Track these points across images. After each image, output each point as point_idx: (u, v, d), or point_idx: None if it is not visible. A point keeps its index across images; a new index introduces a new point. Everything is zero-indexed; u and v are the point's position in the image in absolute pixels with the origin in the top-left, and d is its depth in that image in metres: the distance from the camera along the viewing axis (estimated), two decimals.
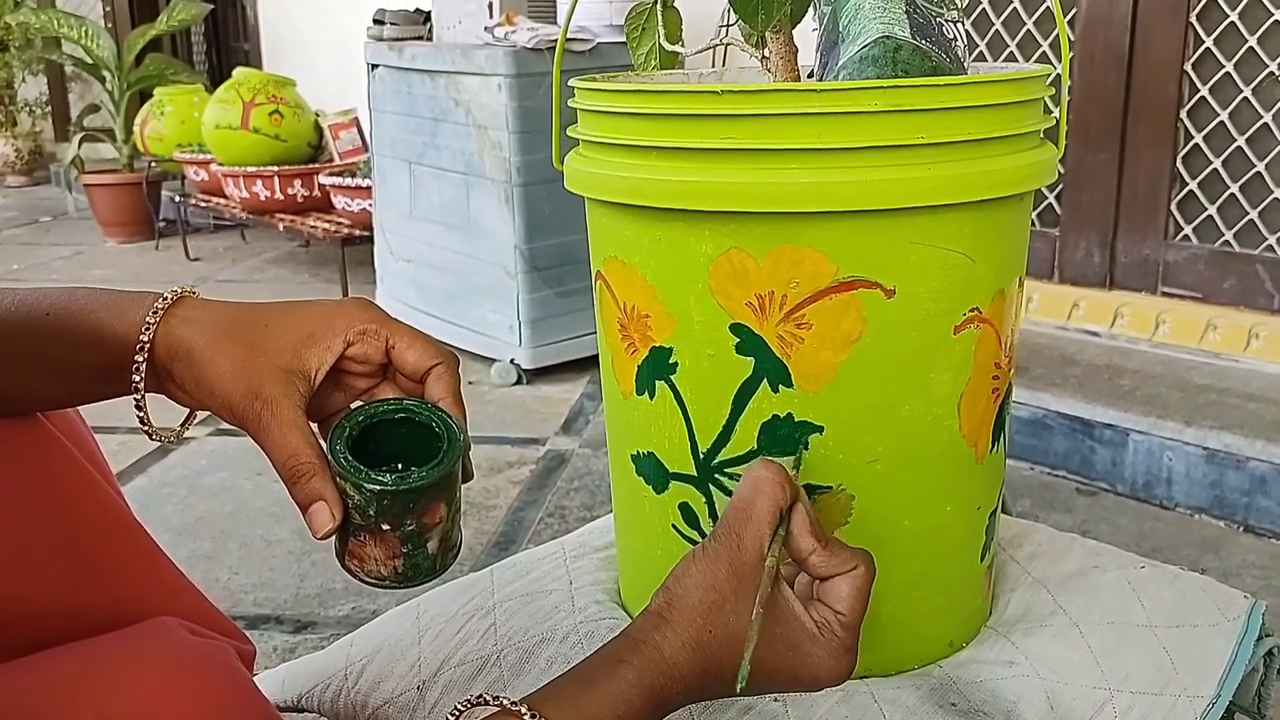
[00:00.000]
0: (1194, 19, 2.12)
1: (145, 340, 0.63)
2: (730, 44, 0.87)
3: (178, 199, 4.09)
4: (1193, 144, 2.17)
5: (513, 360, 2.55)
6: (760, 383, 0.73)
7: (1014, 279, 0.78)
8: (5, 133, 5.95)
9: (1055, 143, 0.79)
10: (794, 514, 0.65)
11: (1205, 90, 2.14)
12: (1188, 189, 2.19)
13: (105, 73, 4.43)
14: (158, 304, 0.64)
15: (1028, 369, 2.08)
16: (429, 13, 2.85)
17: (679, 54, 0.90)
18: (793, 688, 0.65)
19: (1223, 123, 2.12)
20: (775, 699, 0.76)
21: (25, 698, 0.60)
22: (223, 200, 3.80)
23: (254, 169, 3.53)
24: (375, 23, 2.87)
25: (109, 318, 0.64)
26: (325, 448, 0.62)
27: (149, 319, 0.63)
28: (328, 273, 3.77)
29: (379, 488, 0.60)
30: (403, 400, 0.65)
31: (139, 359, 0.63)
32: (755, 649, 0.61)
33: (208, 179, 3.88)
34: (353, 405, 0.66)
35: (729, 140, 0.68)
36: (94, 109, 4.75)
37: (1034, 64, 0.91)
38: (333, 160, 3.60)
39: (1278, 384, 1.98)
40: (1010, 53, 2.41)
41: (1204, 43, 2.12)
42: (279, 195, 3.52)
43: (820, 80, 0.79)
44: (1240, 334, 2.09)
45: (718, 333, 0.72)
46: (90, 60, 4.45)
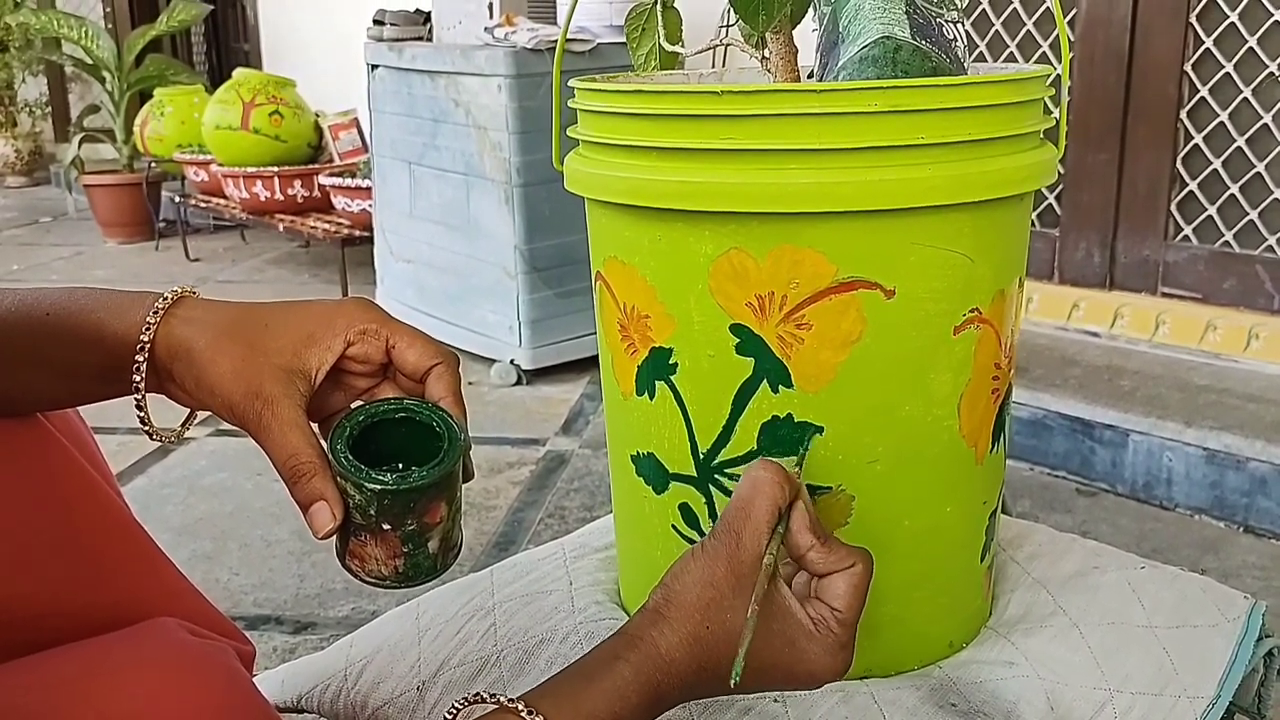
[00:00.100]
0: (1194, 19, 2.12)
1: (145, 340, 0.63)
2: (730, 44, 0.87)
3: (178, 199, 4.09)
4: (1193, 144, 2.17)
5: (513, 361, 2.55)
6: (760, 383, 0.73)
7: (1014, 279, 0.78)
8: (5, 133, 5.95)
9: (1055, 143, 0.79)
10: (793, 511, 0.66)
11: (1205, 91, 2.14)
12: (1188, 189, 2.19)
13: (105, 73, 4.43)
14: (158, 304, 0.64)
15: (1028, 369, 2.08)
16: (429, 13, 2.85)
17: (679, 54, 0.90)
18: (789, 684, 0.65)
19: (1223, 123, 2.12)
20: (775, 699, 0.76)
21: (25, 698, 0.60)
22: (223, 201, 3.80)
23: (254, 169, 3.53)
24: (375, 23, 2.87)
25: (109, 318, 0.64)
26: (326, 447, 0.62)
27: (149, 319, 0.63)
28: (328, 273, 3.77)
29: (380, 487, 0.60)
30: (403, 400, 0.65)
31: (139, 359, 0.63)
32: (751, 645, 0.61)
33: (208, 179, 3.88)
34: (353, 405, 0.66)
35: (729, 141, 0.68)
36: (94, 109, 4.76)
37: (1034, 64, 0.92)
38: (333, 161, 3.60)
39: (1278, 385, 1.97)
40: (1010, 53, 2.41)
41: (1204, 43, 2.12)
42: (279, 196, 3.53)
43: (820, 81, 0.79)
44: (1240, 334, 2.09)
45: (718, 333, 0.72)
46: (90, 61, 4.45)
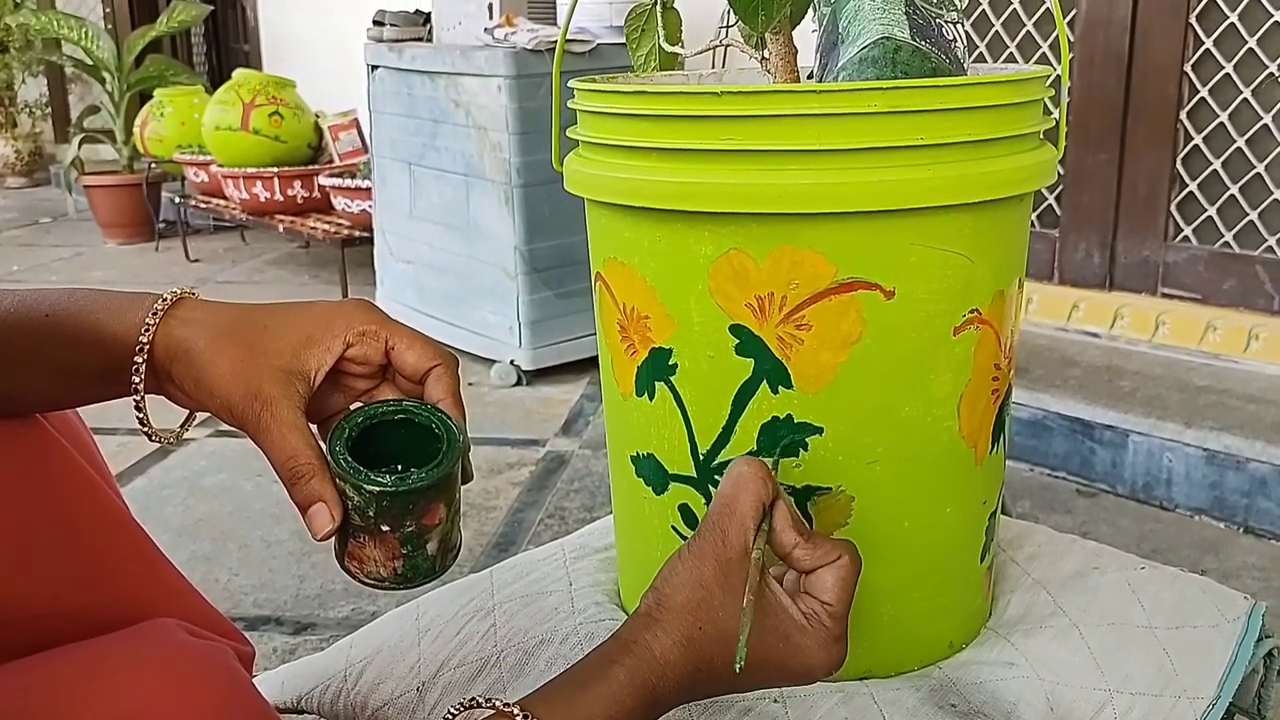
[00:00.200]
0: (1194, 20, 2.12)
1: (145, 341, 0.63)
2: (730, 45, 0.87)
3: (177, 200, 4.09)
4: (1192, 145, 2.17)
5: (512, 361, 2.55)
6: (760, 384, 0.73)
7: (1014, 280, 0.78)
8: (5, 134, 5.95)
9: (1055, 144, 0.79)
10: (775, 510, 0.66)
11: (1205, 91, 2.14)
12: (1187, 190, 2.19)
13: (105, 74, 4.43)
14: (157, 305, 0.64)
15: (1027, 370, 2.08)
16: (429, 14, 2.85)
17: (679, 55, 0.90)
18: (785, 680, 0.66)
19: (1222, 124, 2.12)
20: (775, 700, 0.76)
21: (24, 699, 0.60)
22: (223, 201, 3.80)
23: (254, 170, 3.53)
24: (375, 24, 2.87)
25: (108, 319, 0.64)
26: (324, 449, 0.62)
27: (148, 320, 0.63)
28: (328, 274, 3.77)
29: (378, 489, 0.60)
30: (402, 401, 0.65)
31: (138, 360, 0.63)
32: (750, 633, 0.61)
33: (207, 180, 3.88)
34: (352, 406, 0.66)
35: (729, 141, 0.68)
36: (94, 110, 4.75)
37: (1034, 65, 0.91)
38: (333, 161, 3.60)
39: (1278, 385, 1.97)
40: (1010, 54, 2.41)
41: (1204, 44, 2.12)
42: (279, 196, 3.53)
43: (820, 81, 0.79)
44: (1240, 335, 2.09)
45: (717, 334, 0.72)
46: (90, 61, 4.45)
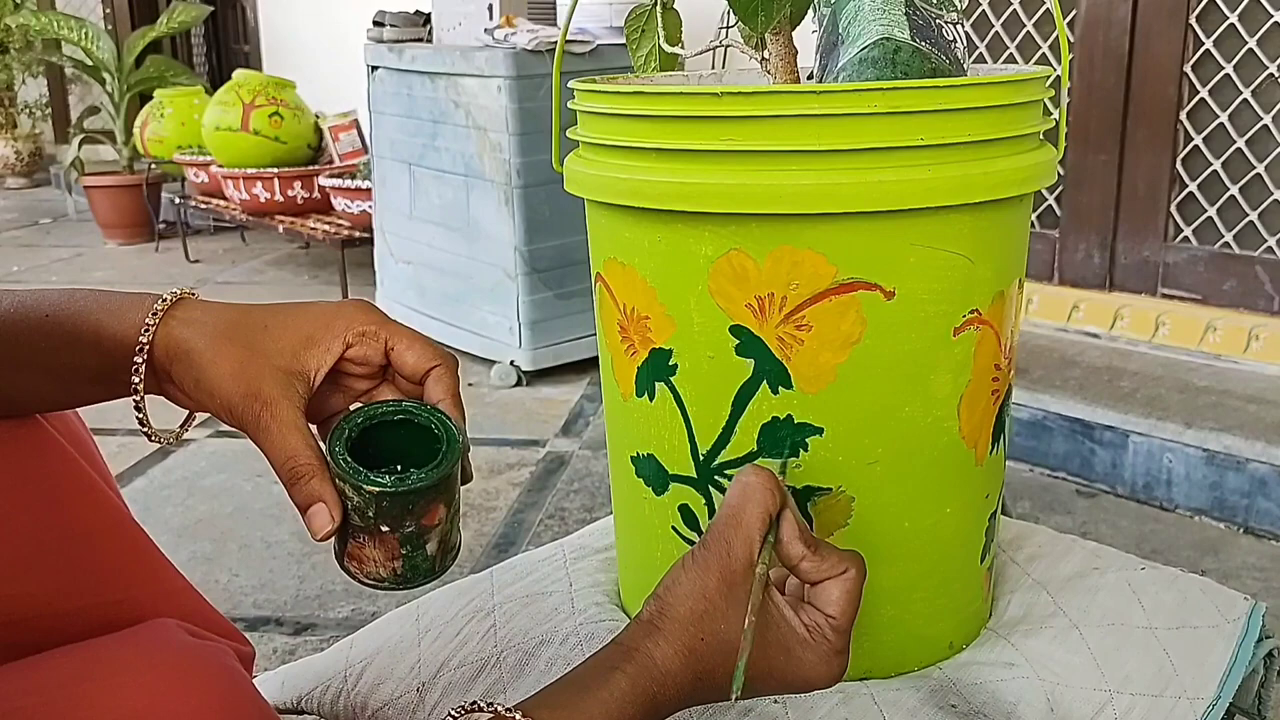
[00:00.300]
0: (1193, 21, 2.12)
1: (145, 342, 0.63)
2: (730, 46, 0.87)
3: (177, 201, 4.09)
4: (1192, 145, 2.17)
5: (512, 362, 2.55)
6: (760, 384, 0.73)
7: (1014, 280, 0.78)
8: (5, 135, 5.95)
9: (1055, 144, 0.79)
10: (783, 520, 0.65)
11: (1205, 92, 2.14)
12: (1187, 190, 2.19)
13: (105, 75, 4.43)
14: (157, 305, 0.64)
15: (1028, 370, 2.08)
16: (429, 14, 2.85)
17: (679, 56, 0.90)
18: (784, 691, 0.65)
19: (1222, 124, 2.12)
20: (775, 701, 0.75)
21: (24, 700, 0.60)
22: (222, 202, 3.80)
23: (254, 171, 3.53)
24: (375, 24, 2.87)
25: (108, 319, 0.64)
26: (324, 449, 0.62)
27: (148, 320, 0.63)
28: (327, 274, 3.77)
29: (378, 489, 0.60)
30: (401, 402, 0.65)
31: (138, 360, 0.63)
32: (749, 659, 0.60)
33: (208, 181, 3.88)
34: (352, 407, 0.66)
35: (729, 142, 0.68)
36: (94, 111, 4.75)
37: (1034, 66, 0.91)
38: (333, 162, 3.60)
39: (1278, 386, 1.97)
40: (1010, 54, 2.41)
41: (1204, 44, 2.12)
42: (279, 197, 3.53)
43: (820, 82, 0.79)
44: (1240, 335, 2.09)
45: (717, 334, 0.72)
46: (90, 62, 4.45)
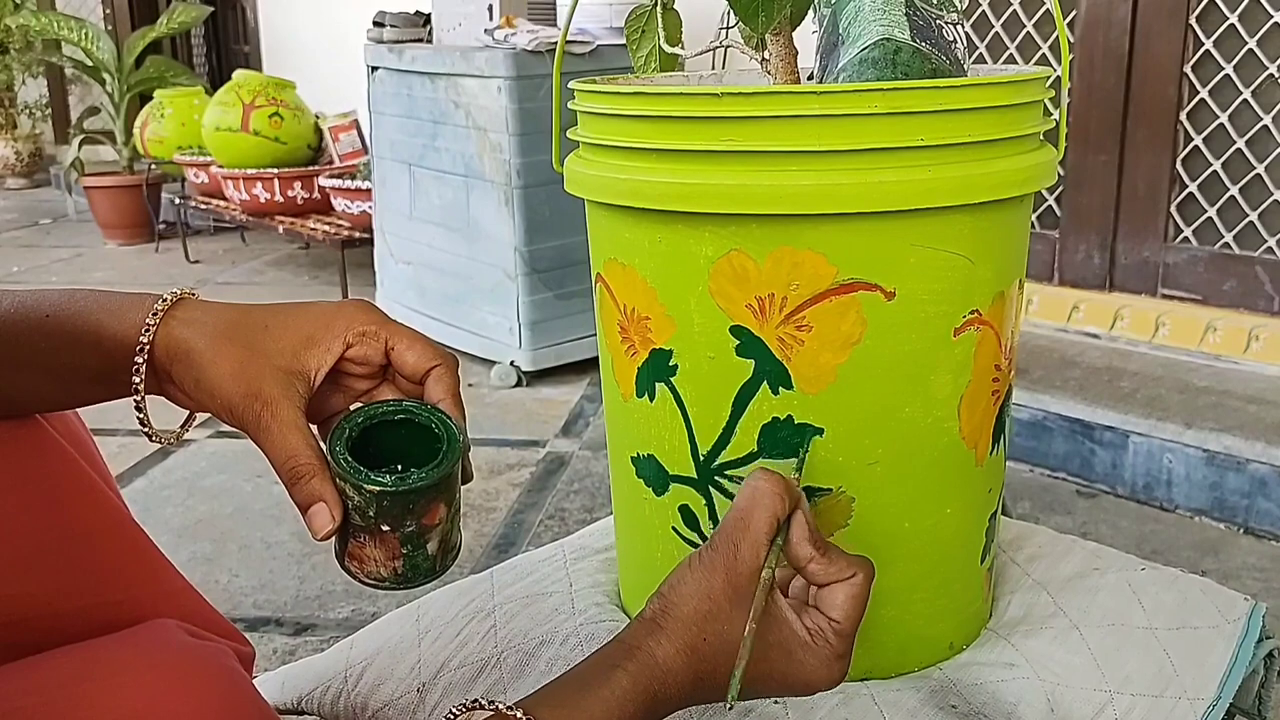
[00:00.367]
0: (1193, 21, 2.12)
1: (145, 342, 0.63)
2: (730, 46, 0.87)
3: (178, 201, 4.09)
4: (1192, 146, 2.17)
5: (513, 362, 2.55)
6: (760, 385, 0.73)
7: (1014, 281, 0.78)
8: (5, 135, 5.95)
9: (1055, 145, 0.79)
10: (793, 522, 0.65)
11: (1205, 92, 2.14)
12: (1187, 191, 2.19)
13: (105, 75, 4.43)
14: (157, 306, 0.64)
15: (1028, 371, 2.08)
16: (429, 15, 2.85)
17: (679, 56, 0.90)
18: (784, 693, 0.65)
19: (1222, 125, 2.12)
20: (775, 701, 0.76)
21: (24, 700, 0.60)
22: (223, 202, 3.80)
23: (254, 171, 3.53)
24: (375, 25, 2.87)
25: (108, 319, 0.64)
26: (325, 449, 0.62)
27: (149, 320, 0.63)
28: (327, 275, 3.77)
29: (378, 489, 0.60)
30: (402, 402, 0.65)
31: (138, 360, 0.63)
32: (747, 665, 0.60)
33: (208, 181, 3.88)
34: (352, 407, 0.66)
35: (729, 142, 0.68)
36: (94, 111, 4.75)
37: (1034, 66, 0.91)
38: (333, 162, 3.60)
39: (1278, 386, 1.97)
40: (1010, 55, 2.41)
41: (1204, 45, 2.12)
42: (279, 197, 3.53)
43: (820, 82, 0.79)
44: (1240, 336, 2.09)
45: (718, 335, 0.72)
46: (90, 63, 4.45)
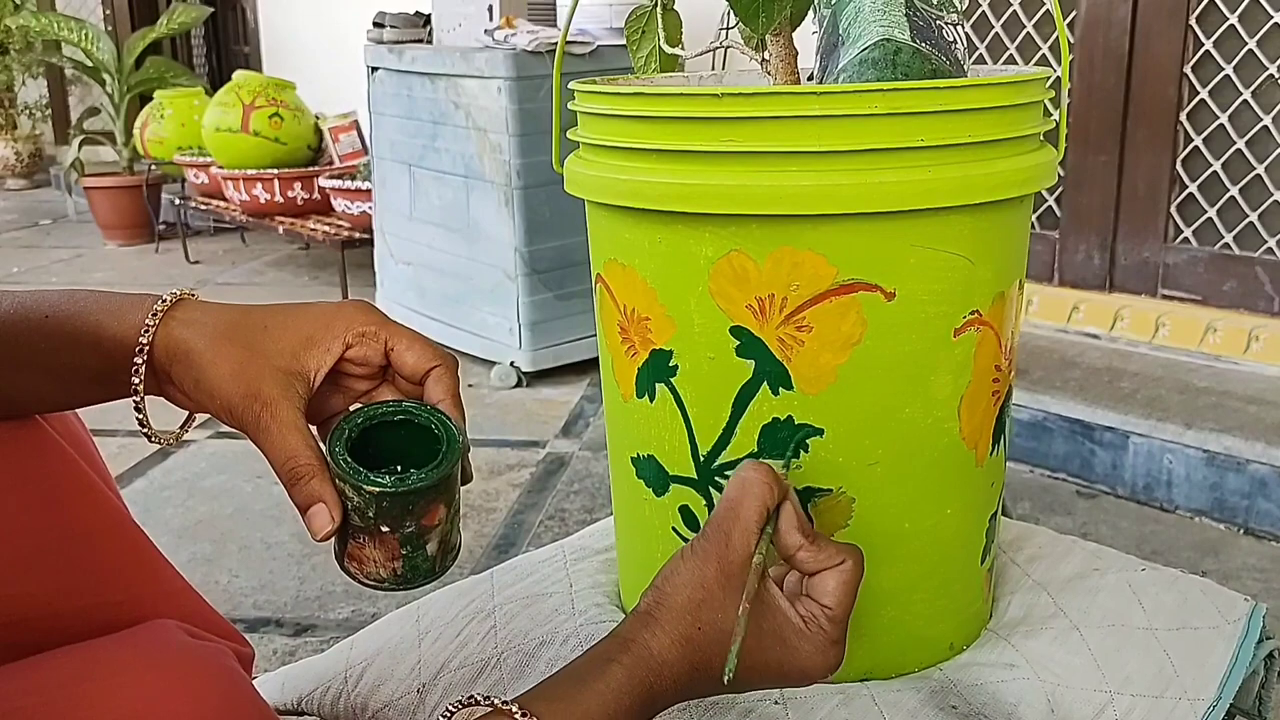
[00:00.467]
0: (1194, 22, 2.12)
1: (145, 342, 0.63)
2: (730, 47, 0.87)
3: (178, 202, 4.09)
4: (1192, 146, 2.17)
5: (513, 363, 2.55)
6: (760, 385, 0.73)
7: (1014, 281, 0.78)
8: (5, 136, 5.95)
9: (1055, 145, 0.79)
10: (782, 512, 0.66)
11: (1205, 93, 2.14)
12: (1187, 191, 2.19)
13: (105, 76, 4.43)
14: (157, 306, 0.64)
15: (1028, 371, 2.08)
16: (429, 16, 2.85)
17: (679, 57, 0.90)
18: (781, 682, 0.66)
19: (1222, 125, 2.12)
20: (775, 701, 0.75)
21: (24, 700, 0.60)
22: (222, 203, 3.80)
23: (254, 172, 3.53)
24: (375, 25, 2.88)
25: (108, 320, 0.64)
26: (324, 450, 0.62)
27: (148, 321, 0.63)
28: (327, 275, 3.77)
29: (378, 489, 0.60)
30: (401, 402, 0.65)
31: (138, 361, 0.63)
32: (742, 643, 0.61)
33: (208, 182, 3.88)
34: (351, 407, 0.66)
35: (729, 143, 0.68)
36: (94, 112, 4.75)
37: (1034, 67, 0.91)
38: (333, 163, 3.60)
39: (1278, 387, 1.97)
40: (1010, 55, 2.41)
41: (1204, 45, 2.12)
42: (279, 198, 3.53)
43: (820, 83, 0.79)
44: (1240, 336, 2.09)
45: (718, 335, 0.72)
46: (90, 63, 4.45)
